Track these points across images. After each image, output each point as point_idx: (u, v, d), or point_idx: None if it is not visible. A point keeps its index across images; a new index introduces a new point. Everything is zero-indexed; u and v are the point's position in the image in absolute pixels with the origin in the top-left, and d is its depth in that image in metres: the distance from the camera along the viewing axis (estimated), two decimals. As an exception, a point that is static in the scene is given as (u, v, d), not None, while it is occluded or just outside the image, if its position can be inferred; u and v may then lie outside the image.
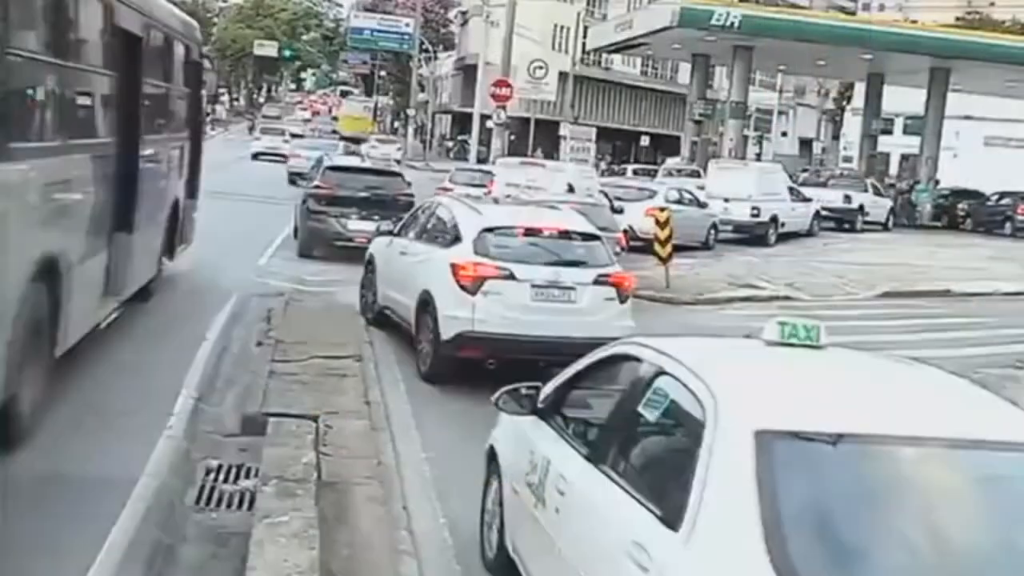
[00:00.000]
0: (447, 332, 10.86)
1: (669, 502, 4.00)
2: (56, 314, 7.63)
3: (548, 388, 5.79)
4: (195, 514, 6.88)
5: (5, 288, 6.47)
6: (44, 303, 7.33)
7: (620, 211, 21.88)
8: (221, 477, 7.51)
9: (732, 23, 35.65)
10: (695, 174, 39.66)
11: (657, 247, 18.74)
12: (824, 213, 33.45)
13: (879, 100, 44.91)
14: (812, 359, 4.73)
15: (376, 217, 17.63)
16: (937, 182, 42.15)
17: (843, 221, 35.02)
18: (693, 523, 3.81)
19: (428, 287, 11.40)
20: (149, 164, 11.24)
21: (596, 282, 11.06)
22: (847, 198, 35.24)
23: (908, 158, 43.62)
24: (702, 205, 26.88)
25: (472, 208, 12.22)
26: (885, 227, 36.73)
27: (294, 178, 31.53)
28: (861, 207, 35.63)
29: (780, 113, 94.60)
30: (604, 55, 67.06)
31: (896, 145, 48.62)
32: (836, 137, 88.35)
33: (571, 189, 20.71)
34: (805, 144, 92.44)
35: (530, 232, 11.43)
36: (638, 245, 20.92)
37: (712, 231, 26.78)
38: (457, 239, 11.50)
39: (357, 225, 18.69)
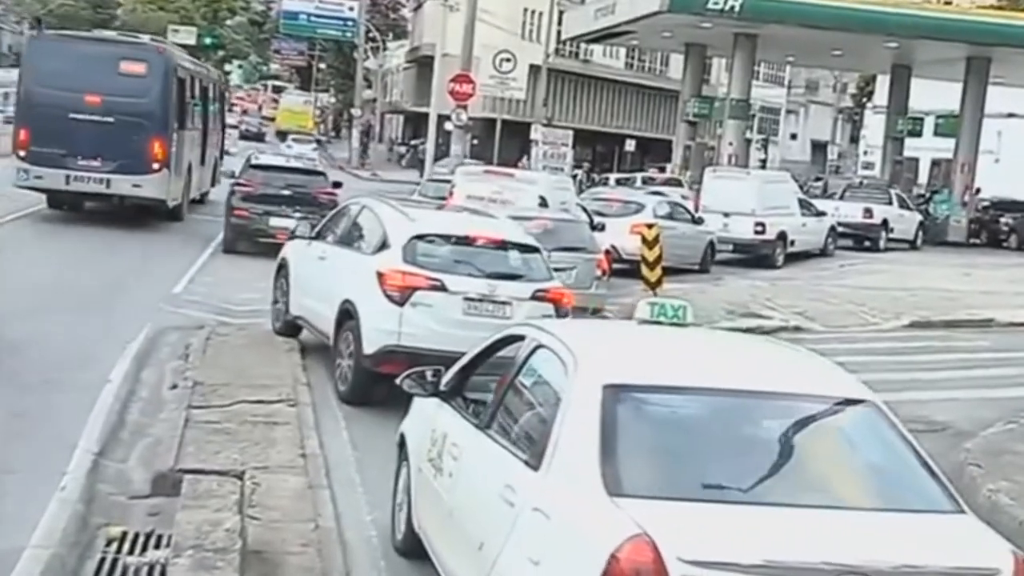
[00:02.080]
0: (370, 346, 11.39)
1: (534, 449, 5.56)
2: (189, 183, 27.77)
3: (451, 371, 7.21)
4: (94, 593, 6.85)
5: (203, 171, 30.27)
6: (189, 177, 27.74)
7: (601, 228, 21.95)
8: (125, 547, 7.46)
9: (732, 7, 35.77)
10: (673, 183, 39.93)
11: (645, 270, 18.81)
12: (841, 229, 33.68)
13: (906, 96, 45.28)
14: (672, 334, 6.32)
15: (298, 214, 21.04)
16: (977, 191, 42.35)
17: (863, 238, 35.29)
18: (550, 462, 5.33)
19: (350, 296, 11.90)
20: (209, 139, 30.80)
21: (533, 297, 11.66)
22: (868, 211, 35.48)
23: (940, 164, 43.94)
24: (697, 221, 27.02)
25: (401, 212, 12.71)
26: (913, 245, 37.03)
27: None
28: (885, 222, 35.86)
29: (789, 112, 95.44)
30: (582, 45, 67.34)
31: (926, 149, 48.98)
32: (855, 140, 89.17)
33: (544, 203, 20.76)
34: (818, 148, 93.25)
35: (465, 241, 12.02)
36: (623, 268, 21.01)
37: (709, 251, 26.91)
38: (385, 245, 12.03)
39: (279, 222, 21.64)
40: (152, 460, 9.12)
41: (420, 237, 11.92)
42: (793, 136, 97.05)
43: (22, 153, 24.23)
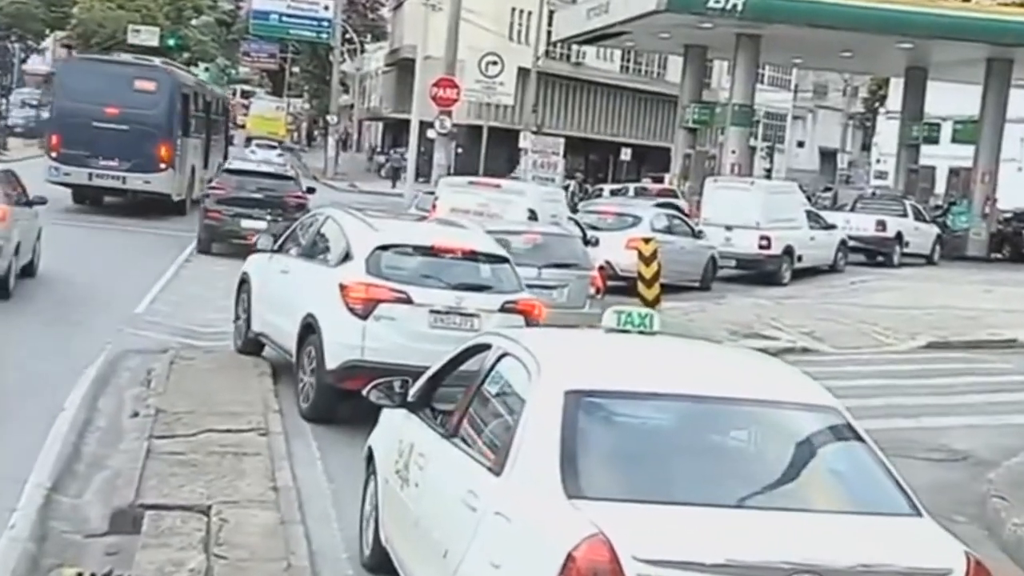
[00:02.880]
0: (333, 361, 11.71)
1: (497, 455, 5.95)
2: (192, 182, 34.41)
3: (419, 382, 7.64)
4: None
5: (205, 172, 36.05)
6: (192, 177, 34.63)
7: (595, 243, 21.94)
8: (82, 589, 7.42)
9: (734, 5, 35.81)
10: (668, 194, 39.97)
11: (641, 287, 18.80)
12: (852, 243, 33.74)
13: (921, 100, 45.44)
14: (637, 341, 6.71)
15: (269, 217, 24.85)
16: (994, 202, 42.44)
17: (876, 253, 35.38)
18: (512, 467, 5.72)
19: (312, 310, 12.22)
20: (212, 144, 38.84)
21: (503, 309, 11.99)
22: (881, 224, 35.57)
23: (959, 173, 44.06)
24: (697, 235, 27.04)
25: (365, 222, 13.04)
26: (930, 260, 37.12)
27: None
28: (899, 236, 35.95)
29: (795, 118, 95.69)
30: (574, 47, 67.52)
31: (943, 157, 49.15)
32: (866, 147, 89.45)
33: (533, 216, 20.76)
34: (827, 156, 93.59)
35: (431, 251, 12.39)
36: (618, 285, 20.99)
37: (710, 267, 26.95)
38: (347, 257, 12.37)
39: (250, 224, 24.62)
40: (110, 495, 9.07)
41: (384, 248, 12.27)
42: (800, 144, 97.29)
43: (54, 155, 31.47)
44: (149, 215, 31.23)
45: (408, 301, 11.78)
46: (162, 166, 31.39)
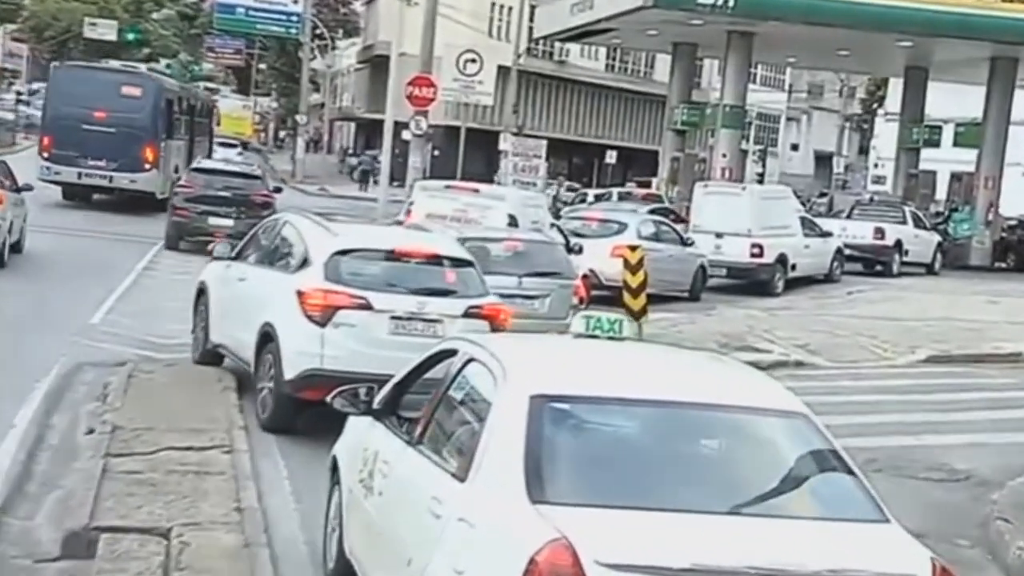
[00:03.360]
0: (291, 370, 11.93)
1: (461, 460, 6.18)
2: (176, 181, 32.89)
3: (384, 389, 7.86)
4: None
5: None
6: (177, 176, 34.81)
7: (578, 250, 21.95)
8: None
9: (725, 1, 35.94)
10: (654, 199, 40.02)
11: (627, 298, 18.80)
12: (849, 252, 33.84)
13: (921, 102, 45.65)
14: (605, 347, 6.99)
15: (235, 215, 27.68)
16: (998, 208, 42.50)
17: (875, 262, 35.51)
18: (476, 472, 5.92)
19: (270, 318, 12.44)
20: (196, 146, 43.27)
21: (466, 314, 12.26)
22: (879, 232, 35.71)
23: (961, 177, 44.07)
24: (686, 242, 27.08)
25: (323, 227, 13.28)
26: (930, 270, 37.29)
27: None
28: (898, 243, 36.10)
29: (789, 120, 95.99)
30: (557, 45, 67.64)
31: (945, 161, 49.29)
32: (864, 151, 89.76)
33: (513, 222, 20.77)
34: (823, 160, 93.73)
35: (392, 256, 12.68)
36: (603, 295, 21.00)
37: (700, 276, 27.00)
38: (305, 263, 12.64)
39: (217, 221, 27.52)
40: (63, 517, 9.02)
41: (343, 253, 12.51)
42: (794, 147, 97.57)
43: (46, 155, 35.50)
44: (129, 212, 34.66)
45: (368, 307, 12.02)
46: (147, 166, 35.23)
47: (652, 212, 31.95)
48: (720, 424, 6.35)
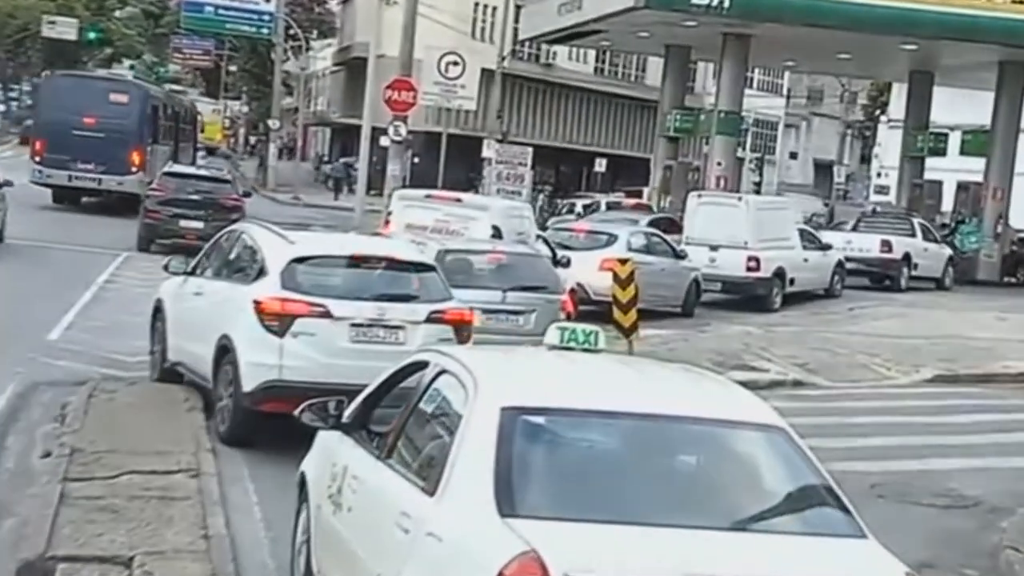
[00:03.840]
0: (250, 383, 12.18)
1: (431, 474, 6.32)
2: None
3: (354, 403, 7.99)
4: None
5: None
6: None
7: (566, 263, 21.95)
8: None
9: (720, 2, 35.98)
10: (643, 209, 40.04)
11: (617, 313, 18.80)
12: (854, 266, 33.93)
13: (927, 108, 45.71)
14: (580, 359, 7.15)
15: (205, 217, 30.12)
16: (1007, 220, 42.54)
17: (883, 276, 35.58)
18: (445, 486, 6.06)
19: (227, 331, 12.69)
20: (180, 151, 47.75)
21: (429, 320, 12.56)
22: (886, 245, 35.76)
23: (968, 188, 44.13)
24: (679, 255, 27.09)
25: (280, 235, 13.59)
26: (940, 285, 37.34)
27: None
28: (907, 257, 36.13)
29: (788, 127, 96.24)
30: (544, 47, 67.71)
31: (951, 170, 49.35)
32: (866, 160, 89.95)
33: (497, 233, 20.76)
34: (823, 169, 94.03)
35: (350, 262, 13.06)
36: (592, 310, 20.99)
37: (693, 291, 27.01)
38: (262, 272, 12.89)
39: (188, 224, 30.25)
40: (17, 545, 8.99)
41: (301, 260, 12.81)
42: (793, 155, 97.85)
43: (38, 159, 39.46)
44: (100, 218, 37.62)
45: (327, 315, 12.29)
46: (134, 169, 38.97)
47: (652, 222, 31.98)
48: (695, 437, 6.50)
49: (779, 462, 6.45)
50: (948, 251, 38.46)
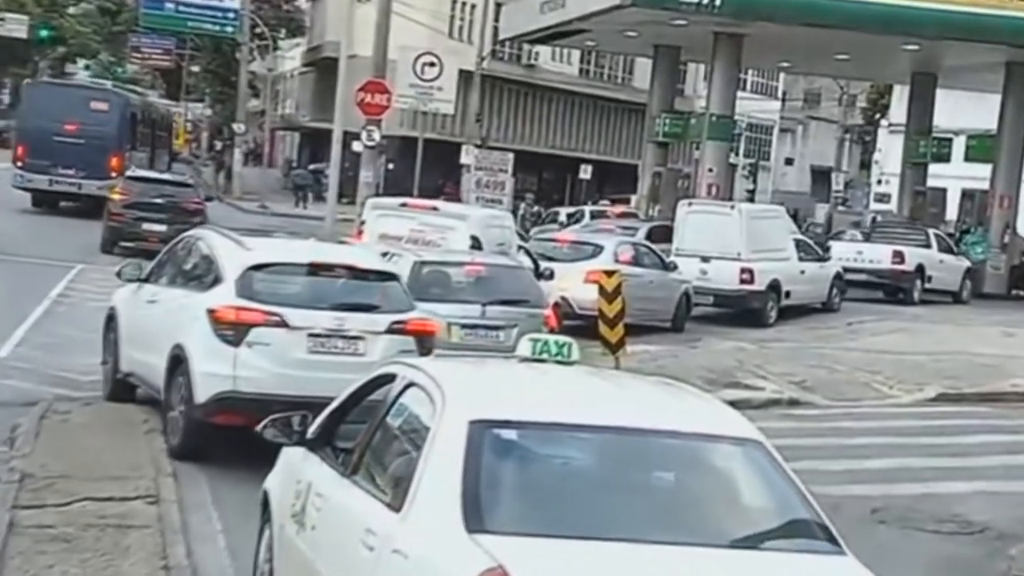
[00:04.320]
0: (203, 394, 12.34)
1: (397, 490, 6.43)
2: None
3: (319, 418, 8.08)
4: None
5: None
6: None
7: (549, 276, 21.93)
8: None
9: (712, 1, 36.04)
10: (630, 217, 40.11)
11: (603, 328, 18.81)
12: (865, 278, 34.04)
13: (929, 111, 45.89)
14: (552, 371, 7.25)
15: (167, 220, 31.98)
16: (1015, 230, 42.66)
17: (895, 289, 35.67)
18: (411, 502, 6.16)
19: (181, 340, 12.85)
20: (157, 157, 50.93)
21: (390, 330, 12.76)
22: (898, 256, 35.78)
23: (973, 196, 44.45)
24: (669, 267, 27.10)
25: (236, 242, 13.80)
26: (957, 298, 37.38)
27: None
28: (920, 269, 36.15)
29: (783, 131, 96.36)
30: (526, 47, 67.78)
31: (955, 177, 49.65)
32: (865, 166, 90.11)
33: (477, 244, 20.75)
34: (820, 176, 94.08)
35: (309, 270, 13.24)
36: (576, 324, 20.97)
37: (684, 305, 27.02)
38: (218, 280, 13.09)
39: (151, 227, 32.40)
40: (-36, 577, 8.93)
41: (258, 268, 13.01)
42: (788, 161, 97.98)
43: (20, 164, 42.57)
44: (59, 225, 39.53)
45: (284, 324, 12.46)
46: (113, 174, 40.48)
47: (651, 230, 32.07)
48: (670, 451, 6.61)
49: (756, 477, 6.57)
50: (966, 263, 38.52)
